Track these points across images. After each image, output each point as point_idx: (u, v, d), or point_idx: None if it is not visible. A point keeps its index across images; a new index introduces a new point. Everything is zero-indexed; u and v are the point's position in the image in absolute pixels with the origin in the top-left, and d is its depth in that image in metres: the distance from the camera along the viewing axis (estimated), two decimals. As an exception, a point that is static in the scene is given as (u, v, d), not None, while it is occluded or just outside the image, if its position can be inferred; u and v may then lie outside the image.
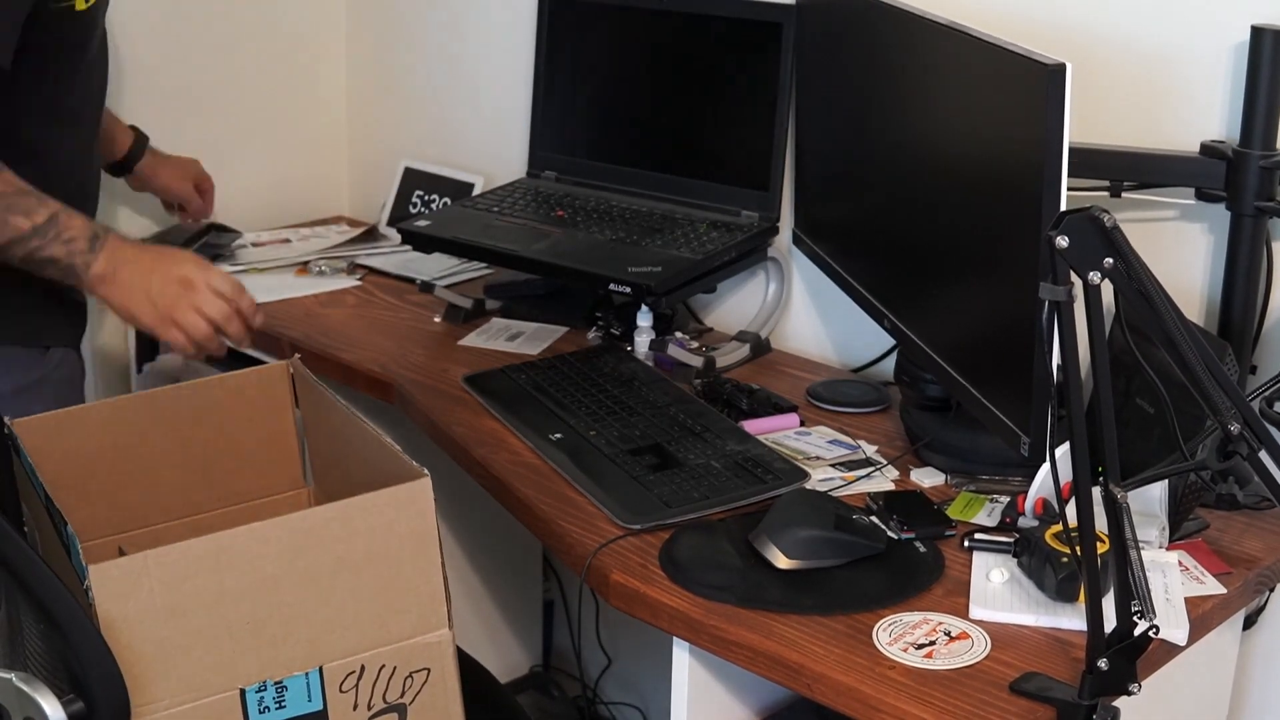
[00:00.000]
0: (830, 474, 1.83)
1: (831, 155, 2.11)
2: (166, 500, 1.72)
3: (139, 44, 2.53)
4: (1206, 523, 1.71)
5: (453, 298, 2.36)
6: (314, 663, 1.43)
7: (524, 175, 2.52)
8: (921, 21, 1.77)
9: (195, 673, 1.37)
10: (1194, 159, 1.81)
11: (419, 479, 1.45)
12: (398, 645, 1.46)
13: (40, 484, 1.48)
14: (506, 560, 2.55)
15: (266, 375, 1.78)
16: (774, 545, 1.60)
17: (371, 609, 1.44)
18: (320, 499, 1.79)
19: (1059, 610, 1.52)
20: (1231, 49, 1.78)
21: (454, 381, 2.11)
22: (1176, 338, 1.29)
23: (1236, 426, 1.31)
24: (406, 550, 1.45)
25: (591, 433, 1.91)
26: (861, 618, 1.52)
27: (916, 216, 1.86)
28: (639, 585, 1.59)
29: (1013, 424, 1.63)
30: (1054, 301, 1.29)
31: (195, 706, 1.38)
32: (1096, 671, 1.35)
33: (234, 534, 1.38)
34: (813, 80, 2.13)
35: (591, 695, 2.61)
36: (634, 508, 1.72)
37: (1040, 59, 1.51)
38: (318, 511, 1.43)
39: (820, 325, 2.28)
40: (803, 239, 2.21)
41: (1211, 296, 1.86)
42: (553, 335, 2.28)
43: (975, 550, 1.63)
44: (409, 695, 1.48)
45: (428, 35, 2.77)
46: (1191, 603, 1.55)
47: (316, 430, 1.77)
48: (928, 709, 1.38)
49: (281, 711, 1.42)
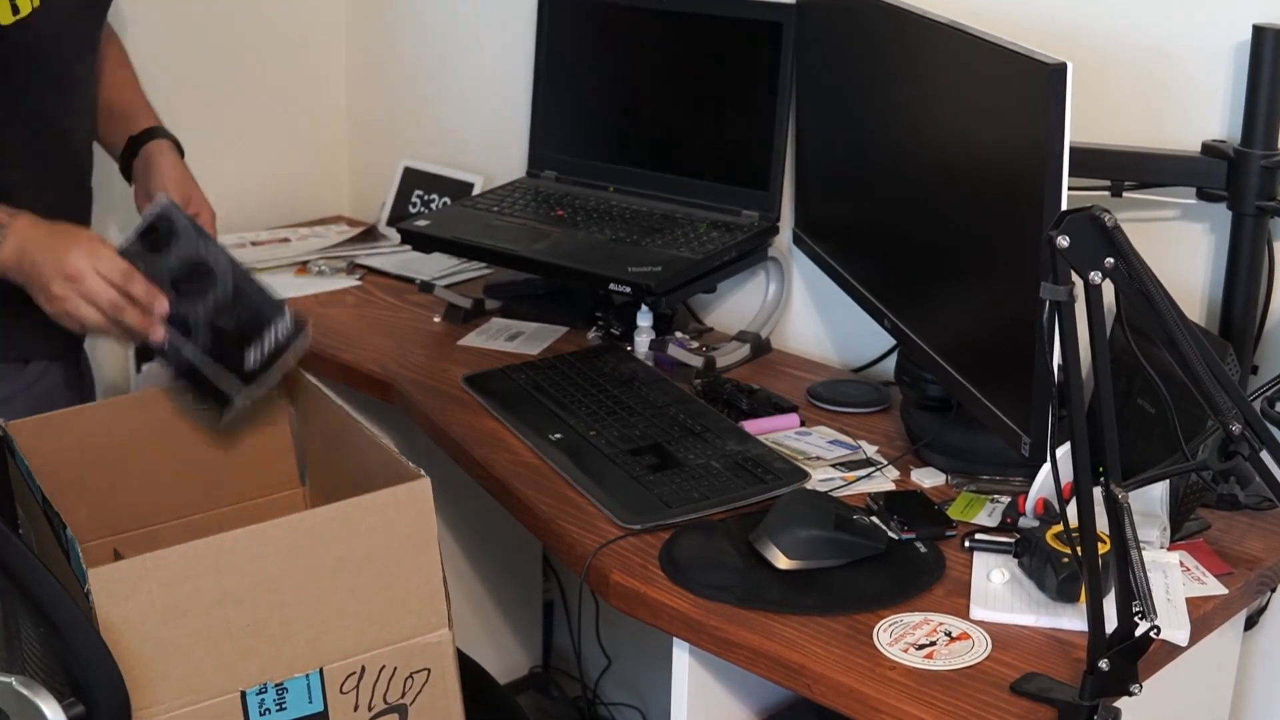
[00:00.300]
0: (830, 474, 1.83)
1: (832, 155, 2.11)
2: (161, 501, 1.71)
3: (139, 44, 2.53)
4: (1208, 523, 1.71)
5: (452, 297, 2.36)
6: (314, 664, 1.42)
7: (524, 175, 2.52)
8: (921, 21, 1.77)
9: (196, 675, 1.37)
10: (1195, 158, 1.81)
11: (418, 479, 1.45)
12: (398, 646, 1.46)
13: (37, 486, 1.47)
14: (506, 560, 2.54)
15: None
16: (774, 545, 1.60)
17: (372, 609, 1.44)
18: (316, 499, 1.79)
19: (1060, 611, 1.51)
20: (1233, 48, 1.78)
21: (454, 381, 2.11)
22: (1177, 337, 1.29)
23: (1238, 426, 1.30)
24: (406, 551, 1.45)
25: (591, 433, 1.90)
26: (862, 618, 1.52)
27: (917, 216, 1.86)
28: (639, 585, 1.59)
29: (1013, 424, 1.63)
30: (1055, 301, 1.29)
31: (196, 709, 1.38)
32: (1097, 672, 1.35)
33: (234, 535, 1.38)
34: (813, 80, 2.13)
35: (591, 695, 2.61)
36: (634, 508, 1.72)
37: (1041, 58, 1.51)
38: (318, 512, 1.43)
39: (820, 325, 2.28)
40: (803, 239, 2.21)
41: (1213, 296, 1.85)
42: (553, 335, 2.28)
43: (976, 550, 1.63)
44: (409, 696, 1.47)
45: (428, 35, 2.77)
46: (1193, 603, 1.55)
47: (312, 430, 1.77)
48: (928, 710, 1.38)
49: (282, 713, 1.42)
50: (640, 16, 2.35)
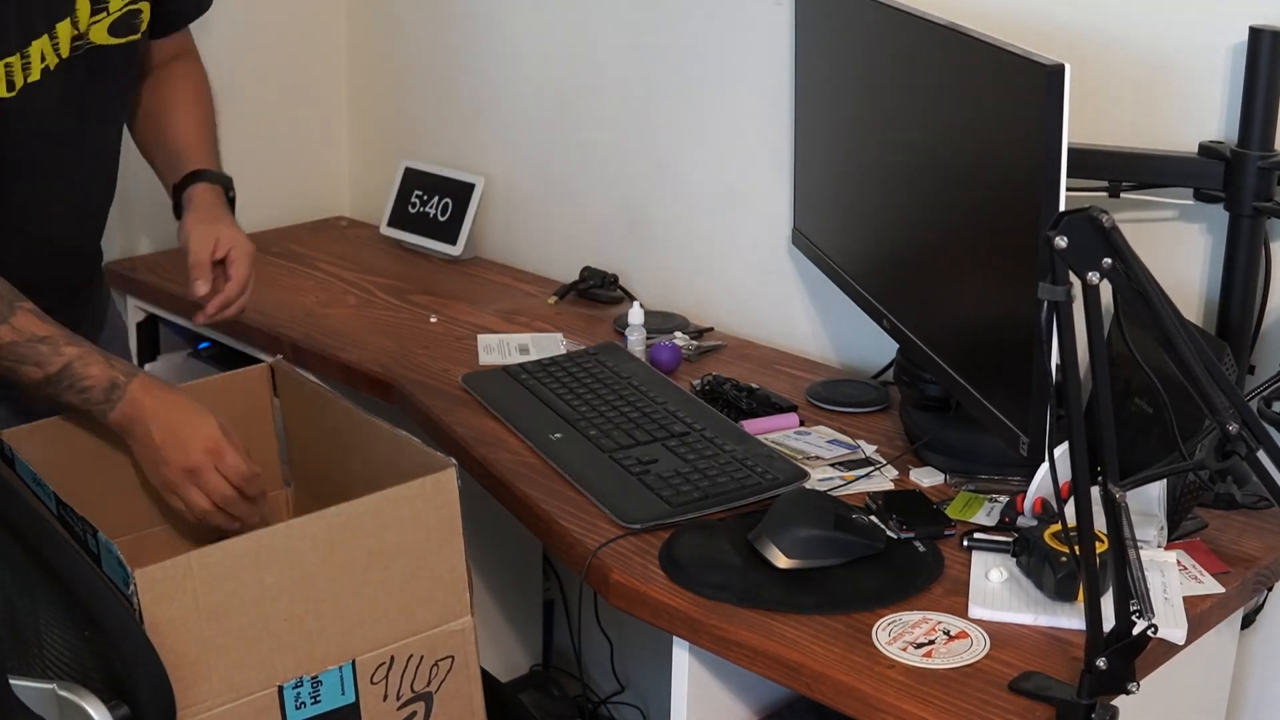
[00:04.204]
0: (830, 474, 1.83)
1: (832, 155, 2.11)
2: (149, 507, 1.71)
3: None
4: (1205, 522, 1.71)
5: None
6: (347, 656, 1.44)
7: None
8: (921, 22, 1.77)
9: (236, 672, 1.38)
10: (1192, 159, 1.81)
11: (445, 469, 1.46)
12: (425, 635, 1.48)
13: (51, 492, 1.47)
14: (506, 560, 2.54)
15: (248, 378, 1.78)
16: (774, 545, 1.60)
17: (400, 600, 1.46)
18: (301, 500, 1.79)
19: (1058, 609, 1.52)
20: (1230, 50, 1.79)
21: (454, 381, 2.11)
22: (1175, 338, 1.30)
23: (1235, 426, 1.31)
24: (433, 540, 1.47)
25: (592, 432, 1.91)
26: (861, 617, 1.52)
27: (916, 216, 1.86)
28: (639, 585, 1.59)
29: (1012, 424, 1.63)
30: (1053, 301, 1.29)
31: (235, 706, 1.39)
32: (1095, 670, 1.35)
33: (273, 531, 1.40)
34: (813, 80, 2.13)
35: (591, 694, 2.61)
36: (634, 508, 1.72)
37: (1039, 59, 1.51)
38: (351, 506, 1.44)
39: (820, 325, 2.28)
40: (803, 238, 2.21)
41: (1210, 296, 1.86)
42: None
43: (974, 550, 1.64)
44: (435, 684, 1.50)
45: (428, 35, 2.77)
46: (1190, 602, 1.55)
47: (303, 430, 1.77)
48: (927, 708, 1.38)
49: (317, 706, 1.43)
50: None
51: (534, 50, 2.57)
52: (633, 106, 2.46)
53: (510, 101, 2.63)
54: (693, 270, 2.42)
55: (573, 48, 2.52)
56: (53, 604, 1.35)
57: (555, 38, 2.54)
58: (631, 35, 2.43)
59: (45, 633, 1.37)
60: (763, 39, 2.23)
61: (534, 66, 2.58)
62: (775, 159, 2.26)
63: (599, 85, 2.50)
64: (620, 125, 2.48)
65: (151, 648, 1.29)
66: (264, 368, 1.79)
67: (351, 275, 2.58)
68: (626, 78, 2.46)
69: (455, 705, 1.51)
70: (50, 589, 1.34)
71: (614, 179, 2.51)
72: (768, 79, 2.24)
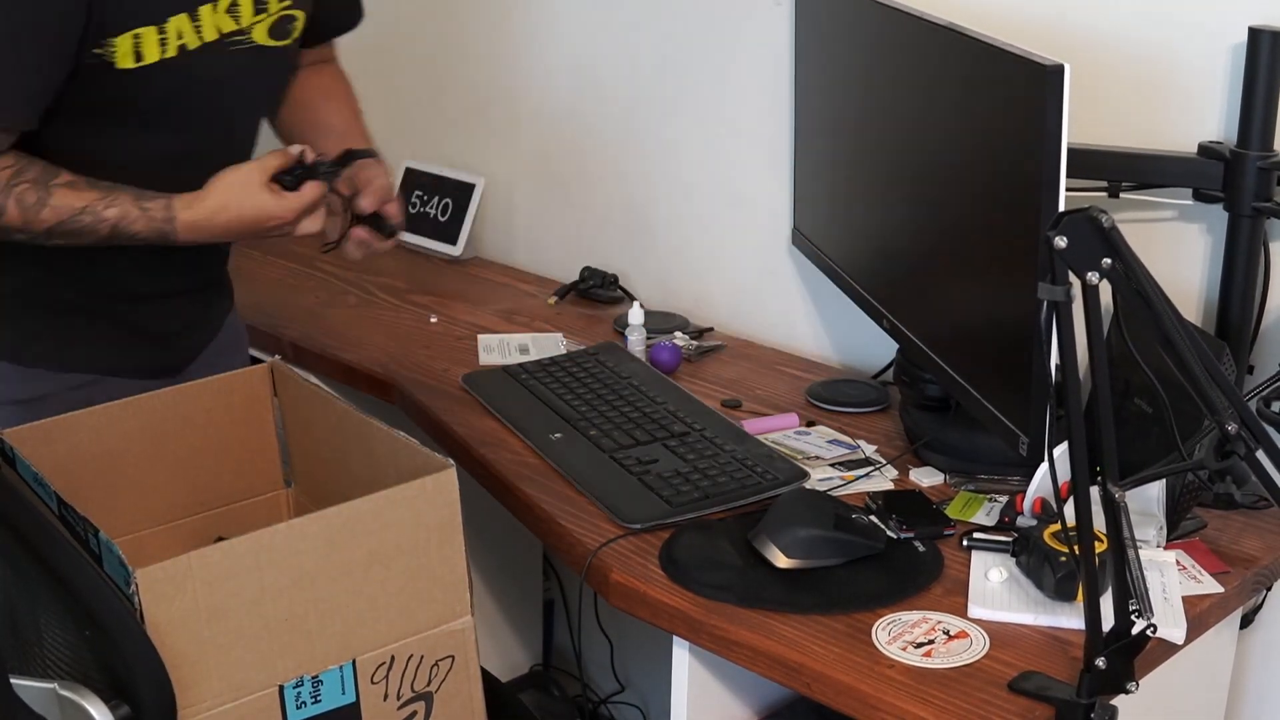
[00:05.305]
0: (830, 474, 1.84)
1: (831, 155, 2.12)
2: (149, 506, 1.71)
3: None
4: (1204, 522, 1.71)
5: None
6: (348, 655, 1.44)
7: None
8: (921, 22, 1.77)
9: (237, 672, 1.38)
10: (1192, 160, 1.81)
11: (445, 469, 1.46)
12: (425, 634, 1.48)
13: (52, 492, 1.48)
14: (506, 560, 2.55)
15: (249, 378, 1.79)
16: (774, 545, 1.60)
17: (400, 599, 1.46)
18: (301, 501, 1.80)
19: (1057, 609, 1.52)
20: (1229, 50, 1.79)
21: (454, 381, 2.11)
22: (1174, 337, 1.30)
23: (1234, 426, 1.31)
24: (434, 540, 1.47)
25: (592, 432, 1.91)
26: (861, 617, 1.52)
27: (916, 217, 1.86)
28: (639, 584, 1.59)
29: (1011, 424, 1.63)
30: (1052, 302, 1.29)
31: (236, 706, 1.39)
32: (1094, 670, 1.35)
33: (273, 531, 1.40)
34: (812, 80, 2.13)
35: (592, 694, 2.61)
36: (634, 508, 1.72)
37: (1039, 59, 1.52)
38: (352, 505, 1.44)
39: (820, 325, 2.29)
40: (803, 238, 2.22)
41: (1209, 297, 1.86)
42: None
43: (974, 549, 1.64)
44: (435, 683, 1.50)
45: (428, 35, 2.77)
46: (1189, 601, 1.56)
47: (303, 431, 1.77)
48: (927, 708, 1.38)
49: (317, 706, 1.43)
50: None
51: (534, 50, 2.58)
52: (633, 107, 2.46)
53: (510, 101, 2.64)
54: (693, 270, 2.42)
55: (573, 48, 2.52)
56: (54, 603, 1.35)
57: (555, 37, 2.55)
58: (631, 35, 2.44)
59: (46, 632, 1.37)
60: (763, 39, 2.23)
61: (534, 66, 2.58)
62: (775, 159, 2.26)
63: (599, 85, 2.50)
64: (620, 125, 2.49)
65: (152, 647, 1.29)
66: (264, 368, 1.79)
67: (351, 275, 2.58)
68: (627, 78, 2.46)
69: (455, 705, 1.52)
70: (51, 589, 1.34)
71: (614, 179, 2.52)
72: (768, 79, 2.24)
